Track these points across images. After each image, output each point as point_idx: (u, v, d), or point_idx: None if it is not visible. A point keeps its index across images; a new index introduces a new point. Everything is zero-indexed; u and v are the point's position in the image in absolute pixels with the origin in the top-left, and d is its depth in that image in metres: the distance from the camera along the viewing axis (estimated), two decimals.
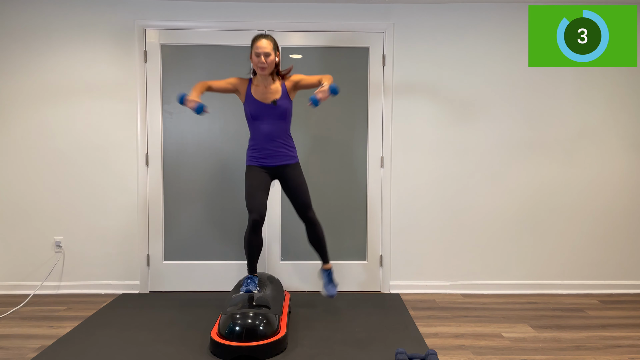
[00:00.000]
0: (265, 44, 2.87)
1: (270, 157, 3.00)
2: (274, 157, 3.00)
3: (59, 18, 3.63)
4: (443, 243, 3.80)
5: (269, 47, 2.88)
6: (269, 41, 2.89)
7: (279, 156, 3.00)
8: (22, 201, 3.70)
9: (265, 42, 2.88)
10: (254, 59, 2.90)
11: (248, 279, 3.02)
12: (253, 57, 2.91)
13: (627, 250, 3.83)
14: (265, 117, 2.96)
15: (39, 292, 3.72)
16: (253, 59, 2.91)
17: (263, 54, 2.86)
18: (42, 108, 3.66)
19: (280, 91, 2.99)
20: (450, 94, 3.74)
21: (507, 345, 2.77)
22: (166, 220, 3.77)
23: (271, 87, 2.98)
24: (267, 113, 2.96)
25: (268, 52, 2.87)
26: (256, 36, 2.93)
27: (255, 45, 2.88)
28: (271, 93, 2.98)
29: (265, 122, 2.97)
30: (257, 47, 2.87)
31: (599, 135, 3.77)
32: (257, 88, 2.99)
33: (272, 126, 2.97)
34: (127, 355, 2.60)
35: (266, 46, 2.87)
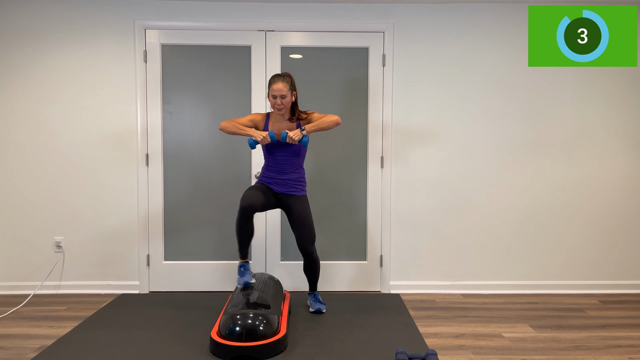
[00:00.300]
0: (281, 87, 2.96)
1: (279, 185, 3.10)
2: (282, 186, 3.09)
3: (58, 18, 3.63)
4: (443, 243, 3.80)
5: (285, 89, 2.97)
6: (285, 83, 2.97)
7: (287, 186, 3.09)
8: (22, 201, 3.70)
9: (282, 85, 2.96)
10: (271, 100, 3.00)
11: (241, 267, 3.07)
12: (270, 98, 3.00)
13: (627, 250, 3.83)
14: (279, 152, 3.05)
15: (39, 292, 3.72)
16: (270, 99, 3.01)
17: (279, 96, 2.96)
18: (42, 108, 3.66)
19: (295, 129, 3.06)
20: (450, 94, 3.74)
21: (507, 345, 2.77)
22: (166, 220, 3.77)
23: (287, 125, 3.09)
24: (281, 149, 3.04)
25: (284, 94, 2.97)
26: (273, 77, 3.01)
27: (271, 88, 2.97)
28: (287, 130, 3.06)
29: (279, 157, 3.06)
30: (273, 90, 2.96)
31: (599, 135, 3.77)
32: (274, 124, 3.10)
33: (285, 161, 3.07)
34: (127, 355, 2.60)
35: (282, 88, 2.96)
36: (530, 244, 3.81)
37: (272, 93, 2.97)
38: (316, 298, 3.32)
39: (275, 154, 3.06)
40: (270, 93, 2.99)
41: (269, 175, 3.11)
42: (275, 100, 2.97)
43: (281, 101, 2.97)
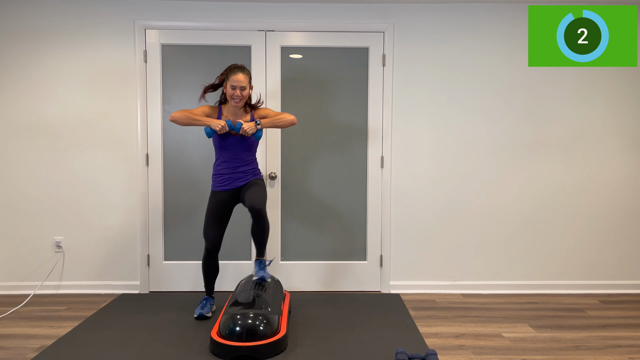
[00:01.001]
0: (242, 78, 2.95)
1: (235, 181, 3.08)
2: (238, 180, 3.08)
3: (59, 18, 3.63)
4: (443, 243, 3.80)
5: (245, 81, 2.96)
6: (245, 75, 2.97)
7: (246, 178, 3.09)
8: (23, 201, 3.70)
9: (242, 76, 2.95)
10: (229, 91, 2.96)
11: (204, 300, 3.21)
12: (228, 88, 2.96)
13: (627, 251, 3.83)
14: (232, 147, 3.03)
15: (39, 292, 3.71)
16: (228, 90, 2.97)
17: (239, 87, 2.95)
18: (42, 108, 3.66)
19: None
20: (450, 94, 3.74)
21: (507, 345, 2.77)
22: (166, 220, 3.77)
23: (241, 118, 3.07)
24: (234, 143, 3.03)
25: (244, 86, 2.96)
26: (232, 68, 2.98)
27: (231, 78, 2.94)
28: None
29: (233, 151, 3.04)
30: (233, 80, 2.94)
31: (598, 135, 3.77)
32: (227, 117, 3.07)
33: (239, 155, 3.06)
34: (127, 355, 2.60)
35: (243, 80, 2.95)
36: (530, 244, 3.81)
37: (231, 84, 2.93)
38: (262, 266, 3.07)
39: (229, 148, 3.02)
40: (229, 84, 2.95)
41: (224, 172, 3.06)
42: (234, 92, 2.94)
43: (240, 93, 2.95)
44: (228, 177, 3.07)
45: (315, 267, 3.79)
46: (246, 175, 3.09)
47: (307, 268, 3.80)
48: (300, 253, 3.80)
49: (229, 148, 3.04)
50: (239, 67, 2.99)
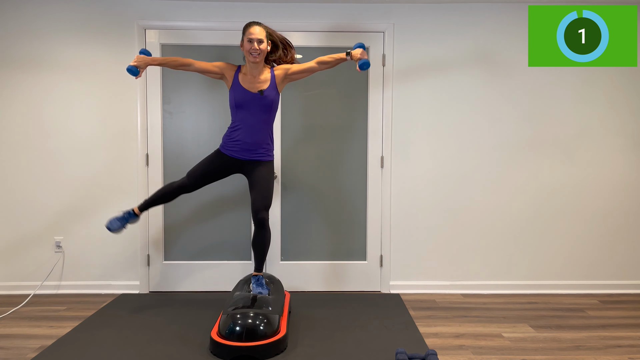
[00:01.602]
0: (258, 31, 2.84)
1: (246, 151, 2.96)
2: (249, 152, 2.96)
3: (58, 18, 3.63)
4: (443, 243, 3.80)
5: (262, 34, 2.85)
6: (262, 28, 2.87)
7: (255, 152, 2.97)
8: (22, 201, 3.70)
9: (258, 29, 2.85)
10: (246, 45, 2.86)
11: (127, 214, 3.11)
12: (245, 43, 2.86)
13: (627, 250, 3.83)
14: (250, 106, 2.90)
15: (39, 292, 3.71)
16: (245, 45, 2.87)
17: (256, 40, 2.83)
18: (42, 108, 3.66)
19: (269, 81, 2.95)
20: (450, 93, 3.74)
21: (507, 345, 2.77)
22: (166, 220, 3.77)
23: (260, 76, 2.94)
24: (252, 103, 2.90)
25: (261, 39, 2.84)
26: (249, 23, 2.90)
27: (248, 32, 2.84)
28: (259, 82, 2.93)
29: (250, 112, 2.91)
30: (249, 33, 2.83)
31: (599, 135, 3.77)
32: (245, 76, 2.94)
33: (257, 117, 2.92)
34: (127, 355, 2.60)
35: (259, 33, 2.84)
36: (530, 244, 3.81)
37: (248, 37, 2.82)
38: (259, 282, 2.96)
39: (247, 110, 2.90)
40: (246, 37, 2.84)
41: (236, 138, 2.94)
42: (251, 45, 2.82)
43: (257, 46, 2.83)
44: (240, 145, 2.94)
45: (315, 267, 3.79)
46: (259, 150, 2.96)
47: (307, 268, 3.80)
48: (300, 253, 3.80)
49: (246, 106, 2.90)
50: (255, 22, 2.90)
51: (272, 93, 2.95)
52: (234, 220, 3.77)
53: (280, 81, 2.99)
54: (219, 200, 3.76)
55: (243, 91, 2.91)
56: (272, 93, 2.95)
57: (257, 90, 2.91)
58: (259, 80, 2.94)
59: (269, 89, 2.94)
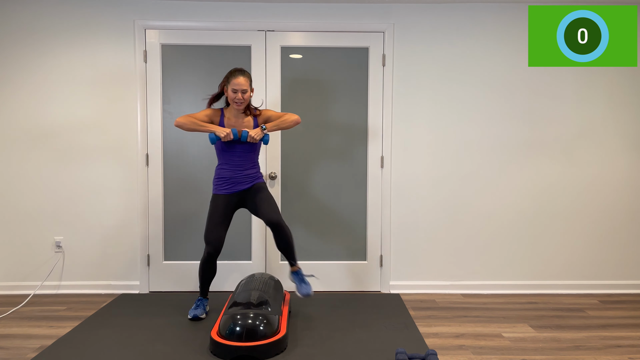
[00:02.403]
0: (243, 81, 2.95)
1: (236, 185, 3.06)
2: (240, 184, 3.07)
3: (59, 18, 3.63)
4: (443, 243, 3.80)
5: (246, 84, 2.96)
6: (246, 78, 2.97)
7: (249, 181, 3.08)
8: (22, 201, 3.70)
9: (243, 80, 2.95)
10: (231, 94, 2.96)
11: (198, 300, 3.19)
12: (229, 92, 2.97)
13: (627, 250, 3.83)
14: (235, 149, 3.03)
15: (39, 292, 3.71)
16: (229, 94, 2.97)
17: (241, 90, 2.95)
18: (42, 108, 3.66)
19: (252, 124, 3.09)
20: (450, 94, 3.74)
21: (507, 345, 2.77)
22: (166, 220, 3.77)
23: (243, 120, 3.08)
24: (240, 146, 3.03)
25: (245, 89, 2.96)
26: (233, 72, 2.98)
27: (233, 82, 2.94)
28: (243, 126, 3.06)
29: (235, 154, 3.03)
30: (234, 84, 2.94)
31: (599, 135, 3.77)
32: (229, 120, 3.06)
33: (242, 157, 3.05)
34: (127, 355, 2.60)
35: (244, 83, 2.95)
36: (530, 244, 3.81)
37: (232, 87, 2.94)
38: (301, 278, 3.07)
39: (235, 150, 3.02)
40: (230, 87, 2.95)
41: (228, 175, 3.05)
42: (235, 95, 2.95)
43: (242, 96, 2.95)
44: (231, 181, 3.05)
45: (316, 267, 3.79)
46: (249, 179, 3.08)
47: (307, 268, 3.79)
48: (301, 253, 3.80)
49: (234, 152, 3.03)
50: (239, 70, 2.99)
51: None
52: (234, 220, 3.76)
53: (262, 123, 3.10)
54: None
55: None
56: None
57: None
58: (242, 124, 3.07)
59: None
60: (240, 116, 3.07)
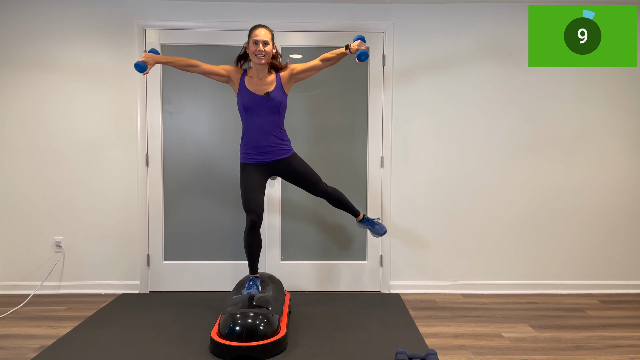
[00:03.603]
0: (263, 33, 2.85)
1: (264, 154, 2.95)
2: (268, 153, 2.96)
3: (58, 18, 3.63)
4: (443, 243, 3.80)
5: (268, 36, 2.86)
6: (267, 30, 2.88)
7: (273, 152, 2.97)
8: (22, 201, 3.70)
9: (264, 31, 2.86)
10: (252, 47, 2.87)
11: (250, 280, 3.00)
12: (251, 45, 2.88)
13: (627, 250, 3.83)
14: (258, 109, 2.91)
15: (39, 292, 3.71)
16: (251, 47, 2.88)
17: (262, 42, 2.84)
18: (42, 108, 3.66)
19: (275, 83, 2.96)
20: (450, 93, 3.74)
21: (507, 345, 2.77)
22: (166, 220, 3.77)
23: (266, 78, 2.96)
24: (260, 105, 2.91)
25: (267, 41, 2.85)
26: (254, 25, 2.91)
27: (253, 33, 2.86)
28: (266, 85, 2.94)
29: (259, 115, 2.92)
30: (255, 35, 2.84)
31: (599, 135, 3.77)
32: (251, 79, 2.95)
33: (265, 119, 2.92)
34: (127, 355, 2.60)
35: (264, 35, 2.85)
36: (530, 244, 3.81)
37: (254, 39, 2.83)
38: (370, 222, 3.30)
39: (255, 113, 2.91)
40: (251, 39, 2.85)
41: (252, 143, 2.94)
42: (256, 47, 2.84)
43: (263, 47, 2.84)
44: (257, 150, 2.94)
45: (316, 267, 3.79)
46: (273, 150, 2.95)
47: (307, 268, 3.80)
48: (301, 253, 3.80)
49: (254, 109, 2.91)
50: (260, 24, 2.90)
51: (278, 94, 2.96)
52: (234, 220, 3.77)
53: (286, 82, 3.00)
54: (219, 200, 3.76)
55: (250, 94, 2.92)
56: (279, 94, 2.96)
57: (264, 92, 2.93)
58: (265, 83, 2.94)
59: (275, 90, 2.95)
60: (262, 73, 2.94)
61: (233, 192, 3.75)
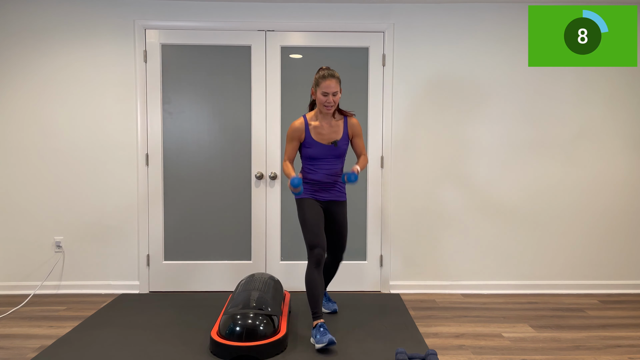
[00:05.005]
0: (333, 84, 2.74)
1: (324, 192, 2.93)
2: (327, 192, 2.94)
3: (59, 18, 3.63)
4: (443, 243, 3.80)
5: (337, 86, 2.76)
6: (336, 80, 2.76)
7: (332, 192, 2.95)
8: (22, 201, 3.70)
9: (334, 82, 2.74)
10: (321, 98, 2.76)
11: (320, 327, 2.67)
12: (319, 95, 2.77)
13: (627, 250, 3.83)
14: (324, 157, 2.89)
15: (39, 292, 3.71)
16: (319, 97, 2.77)
17: (331, 93, 2.75)
18: (42, 108, 3.66)
19: (342, 131, 2.91)
20: (450, 94, 3.74)
21: (507, 345, 2.77)
22: (166, 220, 3.77)
23: (331, 124, 2.89)
24: (326, 154, 2.89)
25: (336, 92, 2.76)
26: (324, 74, 2.75)
27: (324, 84, 2.73)
28: (332, 132, 2.89)
29: (324, 161, 2.90)
30: (326, 87, 2.73)
31: (599, 135, 3.78)
32: (316, 127, 2.87)
33: (330, 165, 2.91)
34: (127, 355, 2.60)
35: (334, 86, 2.74)
36: (531, 244, 3.81)
37: (323, 90, 2.73)
38: (328, 298, 3.32)
39: (321, 160, 2.89)
40: (320, 90, 2.74)
41: (314, 181, 2.91)
42: (326, 98, 2.75)
43: (332, 99, 2.76)
44: (319, 186, 2.92)
45: None
46: (338, 192, 2.96)
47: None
48: (301, 253, 3.80)
49: (320, 158, 2.89)
50: (329, 72, 2.75)
51: (344, 144, 2.92)
52: (234, 220, 3.77)
53: (350, 134, 2.96)
54: (219, 200, 3.76)
55: (317, 145, 2.87)
56: (344, 143, 2.92)
57: (331, 141, 2.88)
58: (331, 129, 2.89)
59: (342, 140, 2.91)
60: (328, 120, 2.88)
61: (233, 192, 3.75)
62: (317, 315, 2.73)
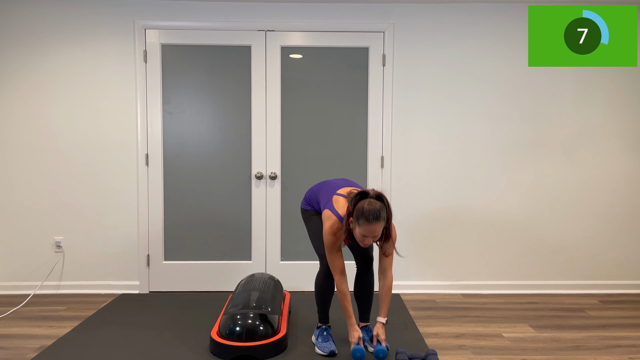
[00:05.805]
0: (378, 230, 2.32)
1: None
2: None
3: (59, 18, 3.63)
4: (443, 243, 3.80)
5: (380, 230, 2.35)
6: (381, 225, 2.33)
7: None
8: (22, 201, 3.70)
9: (379, 228, 2.32)
10: (359, 236, 2.36)
11: (324, 330, 2.70)
12: (357, 233, 2.35)
13: (627, 250, 3.83)
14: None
15: (39, 292, 3.71)
16: (357, 234, 2.36)
17: (372, 236, 2.36)
18: (43, 108, 3.66)
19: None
20: (450, 94, 3.74)
21: (507, 345, 2.77)
22: (166, 220, 3.77)
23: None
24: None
25: (377, 235, 2.36)
26: (367, 217, 2.28)
27: (366, 228, 2.30)
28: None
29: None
30: (366, 230, 2.31)
31: (599, 135, 3.78)
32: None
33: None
34: (127, 355, 2.60)
35: (378, 231, 2.33)
36: (531, 243, 3.81)
37: (363, 232, 2.32)
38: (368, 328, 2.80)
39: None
40: (360, 229, 2.32)
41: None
42: (365, 239, 2.35)
43: (372, 241, 2.39)
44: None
45: (316, 267, 3.79)
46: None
47: (307, 268, 3.80)
48: (300, 253, 3.80)
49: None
50: (375, 216, 2.28)
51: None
52: (234, 220, 3.77)
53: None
54: (220, 200, 3.76)
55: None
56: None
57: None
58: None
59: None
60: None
61: (233, 192, 3.75)
62: (322, 319, 2.73)
